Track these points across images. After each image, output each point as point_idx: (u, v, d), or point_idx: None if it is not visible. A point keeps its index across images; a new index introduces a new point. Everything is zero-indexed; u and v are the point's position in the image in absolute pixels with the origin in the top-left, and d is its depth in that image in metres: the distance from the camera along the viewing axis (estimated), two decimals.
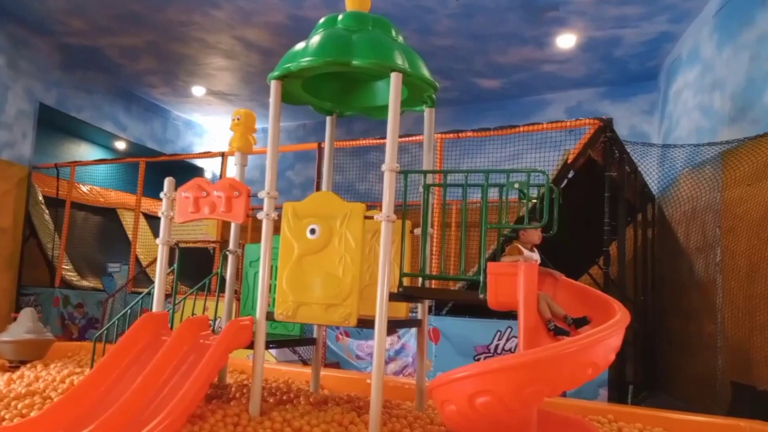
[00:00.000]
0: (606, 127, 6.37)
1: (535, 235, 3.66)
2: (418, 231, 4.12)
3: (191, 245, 9.32)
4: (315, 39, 3.87)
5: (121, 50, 11.49)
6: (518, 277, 3.39)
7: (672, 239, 8.55)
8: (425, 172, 4.05)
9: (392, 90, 3.71)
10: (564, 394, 4.96)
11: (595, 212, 6.34)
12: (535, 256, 3.66)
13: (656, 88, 11.20)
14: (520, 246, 3.61)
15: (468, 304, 5.91)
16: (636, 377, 7.14)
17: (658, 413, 4.58)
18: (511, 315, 3.71)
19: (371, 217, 3.69)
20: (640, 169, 7.75)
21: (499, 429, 3.20)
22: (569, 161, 6.26)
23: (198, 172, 14.12)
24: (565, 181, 6.29)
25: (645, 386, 7.69)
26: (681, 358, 8.02)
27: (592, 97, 11.89)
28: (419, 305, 4.48)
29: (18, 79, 10.95)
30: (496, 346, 6.25)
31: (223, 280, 4.58)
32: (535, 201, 3.80)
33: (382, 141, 3.76)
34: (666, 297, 8.72)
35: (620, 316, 3.24)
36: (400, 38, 4.07)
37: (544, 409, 3.38)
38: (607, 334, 3.08)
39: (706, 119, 8.41)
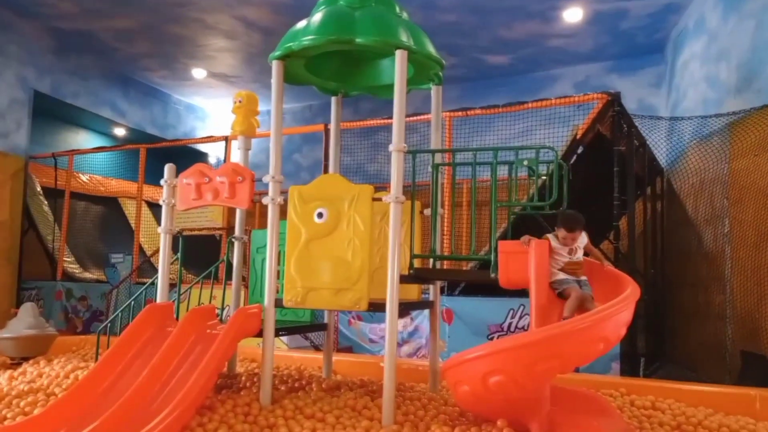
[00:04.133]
0: (614, 101, 6.35)
1: (562, 239, 3.51)
2: (427, 212, 4.07)
3: (196, 233, 9.24)
4: (317, 17, 3.79)
5: (116, 33, 11.28)
6: (528, 255, 3.40)
7: (681, 211, 8.53)
8: (433, 152, 4.01)
9: (397, 68, 3.64)
10: (577, 369, 4.95)
11: (605, 187, 6.30)
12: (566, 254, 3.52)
13: (663, 61, 11.09)
14: (551, 237, 3.52)
15: (480, 283, 5.93)
16: (647, 349, 7.15)
17: (669, 385, 4.61)
18: (523, 293, 3.69)
19: (380, 199, 3.64)
20: (648, 142, 7.73)
21: (512, 407, 3.22)
22: (578, 136, 6.23)
23: (201, 157, 13.94)
24: (575, 157, 6.26)
25: (656, 358, 7.71)
26: (691, 329, 8.06)
27: (600, 71, 11.79)
28: (431, 286, 4.44)
29: (9, 66, 10.72)
30: (509, 325, 6.25)
31: (230, 267, 4.52)
32: (544, 178, 3.76)
33: (390, 121, 3.69)
34: (675, 269, 8.74)
35: (630, 291, 3.23)
36: (404, 15, 3.99)
37: (556, 385, 3.37)
38: (618, 309, 3.07)
39: (713, 90, 8.36)
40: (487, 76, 12.57)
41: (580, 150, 6.30)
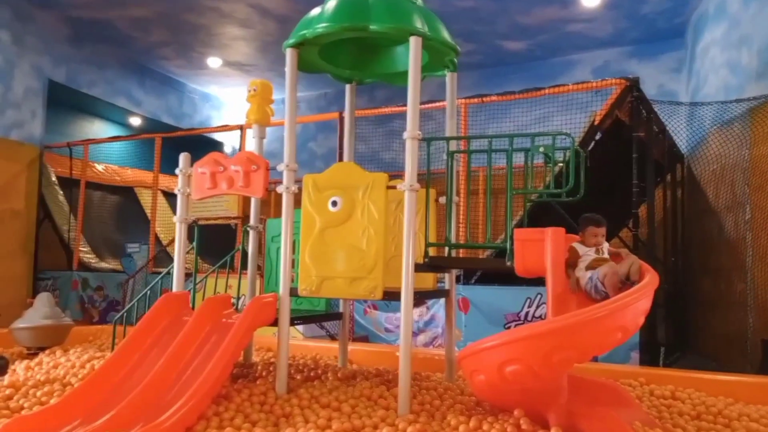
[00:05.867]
0: (633, 86, 6.31)
1: (592, 238, 3.45)
2: (443, 200, 4.04)
3: (212, 222, 9.25)
4: (330, 4, 3.75)
5: (131, 22, 11.29)
6: (545, 243, 3.35)
7: (701, 199, 8.47)
8: (448, 139, 3.97)
9: (412, 55, 3.60)
10: (595, 359, 4.93)
11: (624, 174, 6.25)
12: (594, 254, 3.43)
13: (683, 46, 10.97)
14: (576, 246, 3.43)
15: (496, 272, 5.91)
16: (667, 339, 7.11)
17: (689, 374, 4.56)
18: (540, 281, 3.67)
19: (394, 187, 3.60)
20: (668, 128, 7.64)
21: (529, 397, 3.17)
22: (596, 123, 6.18)
23: (217, 146, 13.94)
24: (593, 143, 6.21)
25: (676, 347, 7.67)
26: (712, 318, 8.01)
27: (619, 57, 11.70)
28: (446, 275, 4.41)
29: (24, 55, 10.73)
30: (527, 314, 6.22)
31: (245, 256, 4.51)
32: (561, 165, 3.72)
33: (404, 108, 3.66)
34: (696, 257, 8.69)
35: (649, 279, 3.16)
36: (419, 1, 3.94)
37: (574, 374, 3.32)
38: (636, 298, 3.01)
39: (734, 76, 8.26)
40: (504, 62, 12.49)
41: (598, 136, 6.26)
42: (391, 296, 3.59)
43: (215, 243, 8.52)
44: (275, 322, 3.78)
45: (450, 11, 9.89)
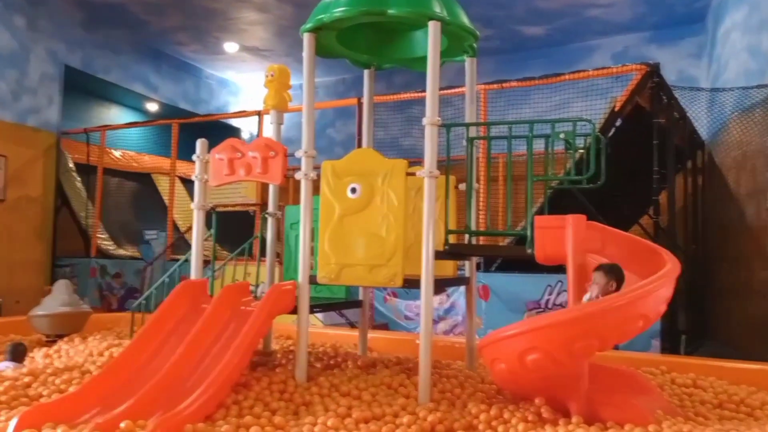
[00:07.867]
0: (653, 72, 6.24)
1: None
2: (462, 186, 4.01)
3: (230, 209, 9.22)
4: None
5: (146, 6, 11.18)
6: (566, 230, 3.34)
7: (722, 186, 8.38)
8: (468, 125, 3.94)
9: (431, 40, 3.58)
10: (616, 347, 4.89)
11: (644, 160, 6.19)
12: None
13: (704, 30, 10.80)
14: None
15: (517, 259, 5.89)
16: (688, 326, 7.05)
17: (710, 362, 4.56)
18: (561, 269, 3.65)
19: (414, 174, 3.58)
20: (688, 114, 7.56)
21: (550, 385, 3.18)
22: (616, 109, 6.12)
23: (234, 132, 13.88)
24: (613, 130, 6.15)
25: (697, 335, 7.62)
26: (733, 306, 7.94)
27: (639, 42, 11.51)
28: (466, 263, 4.39)
29: (39, 41, 10.63)
30: (547, 301, 6.19)
31: (264, 243, 4.50)
32: (581, 151, 3.68)
33: (423, 94, 3.63)
34: (717, 244, 8.60)
35: (670, 267, 3.16)
36: None
37: (595, 362, 3.30)
38: (657, 286, 3.02)
39: (755, 61, 8.13)
40: (522, 47, 12.34)
41: (618, 123, 6.20)
42: (411, 284, 3.58)
43: (233, 230, 8.50)
44: (294, 310, 3.78)
45: None
